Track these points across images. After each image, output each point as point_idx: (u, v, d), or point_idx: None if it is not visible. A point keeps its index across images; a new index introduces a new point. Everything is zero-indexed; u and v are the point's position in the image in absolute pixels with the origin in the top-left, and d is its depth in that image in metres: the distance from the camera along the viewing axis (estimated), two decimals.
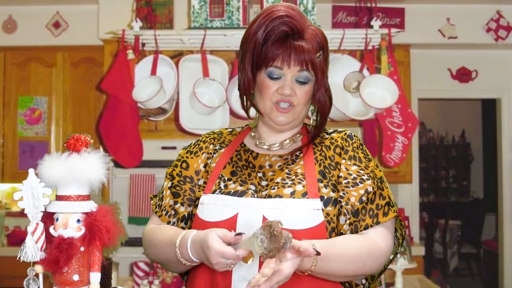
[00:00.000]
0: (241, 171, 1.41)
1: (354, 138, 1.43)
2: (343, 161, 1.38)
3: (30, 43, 4.34)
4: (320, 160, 1.39)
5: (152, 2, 3.76)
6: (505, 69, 4.67)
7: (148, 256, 1.46)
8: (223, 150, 1.48)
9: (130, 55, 3.37)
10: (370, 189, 1.34)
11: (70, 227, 0.99)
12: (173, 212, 1.43)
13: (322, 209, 1.30)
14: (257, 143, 1.45)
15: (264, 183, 1.38)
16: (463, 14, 4.41)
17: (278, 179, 1.36)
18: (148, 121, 3.74)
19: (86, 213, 1.00)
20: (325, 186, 1.34)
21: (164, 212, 1.44)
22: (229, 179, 1.40)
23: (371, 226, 1.31)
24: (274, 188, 1.34)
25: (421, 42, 4.37)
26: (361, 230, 1.31)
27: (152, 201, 1.50)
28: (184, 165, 1.48)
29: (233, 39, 3.41)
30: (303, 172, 1.36)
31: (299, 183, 1.34)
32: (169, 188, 1.46)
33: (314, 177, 1.34)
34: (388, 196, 1.36)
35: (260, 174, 1.39)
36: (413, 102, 4.43)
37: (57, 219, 1.00)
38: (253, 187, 1.36)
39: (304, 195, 1.31)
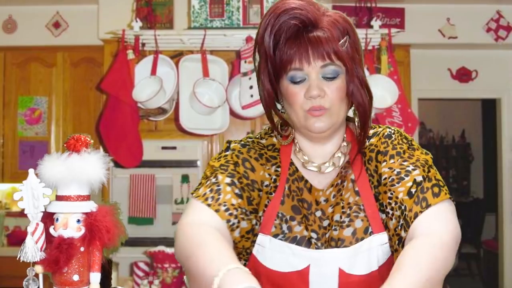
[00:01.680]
0: (302, 206, 1.21)
1: (394, 135, 1.23)
2: (384, 163, 1.19)
3: (30, 43, 4.34)
4: (370, 181, 1.20)
5: (152, 2, 3.75)
6: (505, 69, 4.68)
7: (179, 259, 1.15)
8: (278, 176, 1.23)
9: (130, 55, 3.37)
10: (419, 178, 1.14)
11: (70, 227, 0.99)
12: (236, 212, 1.16)
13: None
14: (303, 162, 1.24)
15: (325, 222, 1.21)
16: (463, 14, 4.41)
17: (337, 217, 1.20)
18: (148, 121, 3.74)
19: (86, 213, 1.00)
20: (381, 212, 1.18)
21: (223, 208, 1.16)
22: (292, 218, 1.21)
23: (421, 212, 1.10)
24: (336, 229, 1.19)
25: (421, 42, 4.37)
26: (412, 222, 1.10)
27: (194, 194, 1.21)
28: (248, 165, 1.23)
29: (233, 39, 3.41)
30: (356, 201, 1.19)
31: (356, 217, 1.18)
32: (230, 185, 1.19)
33: (375, 207, 1.18)
34: (435, 178, 1.15)
35: (319, 213, 1.21)
36: (413, 102, 4.43)
37: (57, 219, 1.00)
38: (314, 235, 1.19)
39: (366, 232, 1.17)
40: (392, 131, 1.24)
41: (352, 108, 1.22)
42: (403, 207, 1.12)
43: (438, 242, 1.06)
